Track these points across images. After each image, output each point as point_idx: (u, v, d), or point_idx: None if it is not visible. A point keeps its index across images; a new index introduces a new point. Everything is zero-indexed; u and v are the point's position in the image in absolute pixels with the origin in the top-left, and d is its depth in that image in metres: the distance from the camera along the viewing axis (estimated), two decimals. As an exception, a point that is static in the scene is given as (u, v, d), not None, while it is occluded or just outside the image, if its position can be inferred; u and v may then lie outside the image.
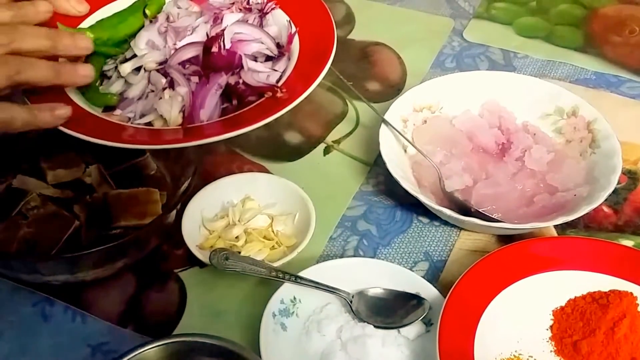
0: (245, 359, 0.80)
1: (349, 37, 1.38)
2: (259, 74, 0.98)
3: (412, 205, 1.07)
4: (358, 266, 0.97)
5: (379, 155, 1.05)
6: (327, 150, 1.18)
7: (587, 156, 1.08)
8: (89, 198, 0.98)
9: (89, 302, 0.96)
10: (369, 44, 1.37)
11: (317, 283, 0.93)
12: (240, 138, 1.14)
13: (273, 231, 1.01)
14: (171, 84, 0.96)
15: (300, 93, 0.93)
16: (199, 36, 0.99)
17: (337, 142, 1.19)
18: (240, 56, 0.98)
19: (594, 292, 0.92)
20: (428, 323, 0.91)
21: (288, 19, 1.06)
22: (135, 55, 1.00)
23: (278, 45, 1.03)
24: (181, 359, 0.81)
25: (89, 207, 0.97)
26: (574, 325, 0.90)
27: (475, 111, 1.15)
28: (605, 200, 0.99)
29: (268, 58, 1.02)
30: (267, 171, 1.13)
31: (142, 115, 0.96)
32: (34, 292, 0.96)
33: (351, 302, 0.92)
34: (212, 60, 0.96)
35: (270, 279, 0.93)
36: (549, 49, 1.37)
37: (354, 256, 1.02)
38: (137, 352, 0.79)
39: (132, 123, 0.96)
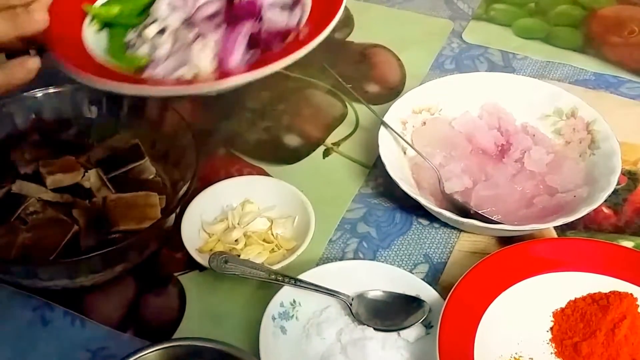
0: (245, 363, 0.80)
1: (348, 39, 1.38)
2: (279, 20, 0.98)
3: (411, 208, 1.06)
4: (358, 269, 0.97)
5: (379, 158, 1.05)
6: (326, 153, 1.17)
7: (586, 157, 1.07)
8: (88, 203, 0.99)
9: (88, 307, 0.96)
10: (367, 46, 1.37)
11: (316, 286, 0.92)
12: (240, 141, 1.16)
13: (272, 234, 1.01)
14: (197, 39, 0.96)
15: (320, 31, 0.93)
16: None
17: (337, 144, 1.19)
18: (260, 5, 0.97)
19: (594, 293, 0.92)
20: (428, 325, 0.91)
21: None
22: (156, 20, 0.99)
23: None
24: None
25: (88, 212, 0.97)
26: (574, 326, 0.90)
27: (475, 113, 1.15)
28: (605, 201, 0.99)
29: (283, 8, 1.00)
30: (266, 174, 1.13)
31: (174, 72, 0.94)
32: (34, 297, 0.96)
33: (351, 304, 0.92)
34: (234, 11, 0.97)
35: (270, 282, 0.93)
36: (548, 50, 1.37)
37: (354, 259, 1.02)
38: (136, 357, 0.79)
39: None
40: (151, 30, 0.97)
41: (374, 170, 1.14)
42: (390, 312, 0.92)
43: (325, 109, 1.24)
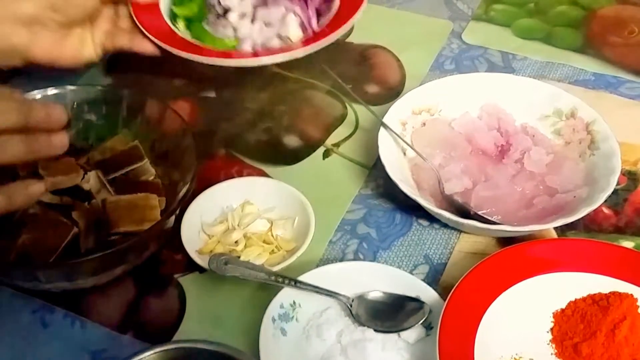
0: (245, 364, 0.80)
1: (348, 40, 1.38)
2: None
3: (411, 208, 1.06)
4: (358, 270, 0.96)
5: (379, 159, 1.05)
6: (326, 154, 1.17)
7: (586, 157, 1.07)
8: (87, 204, 0.98)
9: (88, 309, 0.96)
10: (367, 47, 1.37)
11: (316, 287, 0.92)
12: (240, 142, 1.16)
13: (272, 235, 1.01)
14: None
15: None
16: None
17: (337, 145, 1.19)
18: None
19: (594, 294, 0.92)
20: (428, 327, 0.91)
21: None
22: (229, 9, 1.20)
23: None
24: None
25: (88, 214, 0.97)
26: (574, 327, 0.90)
27: (474, 113, 1.15)
28: (605, 201, 0.99)
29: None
30: (266, 175, 1.13)
31: (263, 44, 1.18)
32: (33, 299, 0.96)
33: (351, 306, 0.92)
34: None
35: (269, 284, 0.93)
36: (548, 50, 1.36)
37: (354, 260, 1.02)
38: (135, 359, 0.79)
39: None
40: (233, 17, 1.17)
41: (374, 171, 1.14)
42: (391, 314, 0.92)
43: (326, 109, 1.24)
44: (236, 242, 1.00)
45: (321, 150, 1.18)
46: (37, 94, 1.05)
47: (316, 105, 1.22)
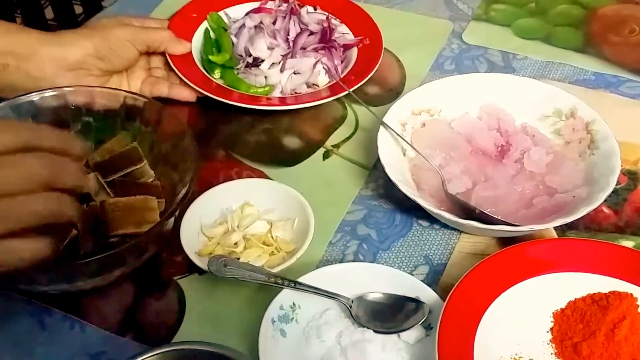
0: (244, 366, 0.80)
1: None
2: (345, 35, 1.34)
3: (411, 209, 1.06)
4: (358, 271, 0.96)
5: (379, 159, 1.04)
6: (326, 155, 1.17)
7: (586, 157, 1.07)
8: (86, 206, 0.98)
9: (87, 311, 0.96)
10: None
11: (316, 288, 0.92)
12: (239, 143, 1.15)
13: (272, 237, 1.01)
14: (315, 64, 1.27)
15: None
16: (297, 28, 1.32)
17: (337, 146, 1.19)
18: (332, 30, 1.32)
19: (594, 293, 0.92)
20: (428, 327, 0.91)
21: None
22: (257, 59, 1.27)
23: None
24: (179, 367, 0.82)
25: (87, 216, 0.96)
26: (574, 327, 0.90)
27: (474, 114, 1.15)
28: (605, 201, 0.99)
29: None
30: (266, 177, 1.13)
31: (292, 91, 1.25)
32: (32, 301, 0.96)
33: (351, 307, 0.92)
34: (329, 42, 1.30)
35: (269, 285, 0.93)
36: (548, 50, 1.36)
37: (354, 261, 1.02)
38: (135, 361, 0.79)
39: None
40: (265, 66, 1.26)
41: (374, 171, 1.14)
42: (390, 314, 0.92)
43: (325, 110, 1.24)
44: (235, 243, 0.99)
45: (321, 151, 1.18)
46: (34, 96, 1.04)
47: (316, 106, 1.22)
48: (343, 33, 1.34)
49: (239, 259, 0.97)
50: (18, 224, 0.73)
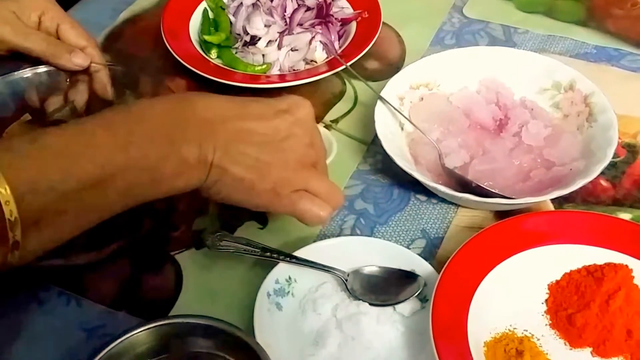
0: (238, 338, 0.80)
1: (348, 16, 1.38)
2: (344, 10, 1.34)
3: (409, 184, 1.06)
4: (353, 245, 0.97)
5: (377, 134, 1.04)
6: (325, 130, 1.17)
7: (584, 130, 1.07)
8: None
9: (84, 286, 0.97)
10: (368, 23, 1.36)
11: (312, 262, 0.93)
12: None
13: None
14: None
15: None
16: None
17: (335, 121, 1.19)
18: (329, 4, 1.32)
19: (589, 265, 0.92)
20: (423, 300, 0.91)
21: None
22: (255, 37, 1.27)
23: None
24: (175, 340, 0.82)
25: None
26: (569, 298, 0.90)
27: (473, 88, 1.15)
28: (604, 174, 0.99)
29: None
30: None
31: (290, 68, 1.26)
32: (29, 276, 0.96)
33: (346, 280, 0.92)
34: (326, 16, 1.30)
35: (265, 259, 0.93)
36: (550, 23, 1.36)
37: (351, 235, 1.02)
38: (129, 335, 0.80)
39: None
40: (262, 44, 1.26)
41: (372, 146, 1.14)
42: (386, 287, 0.92)
43: (324, 86, 1.24)
44: None
45: (320, 126, 1.17)
46: (28, 72, 1.05)
47: (315, 82, 1.21)
48: (342, 7, 1.33)
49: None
50: None
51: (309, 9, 1.31)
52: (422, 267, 0.93)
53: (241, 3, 1.31)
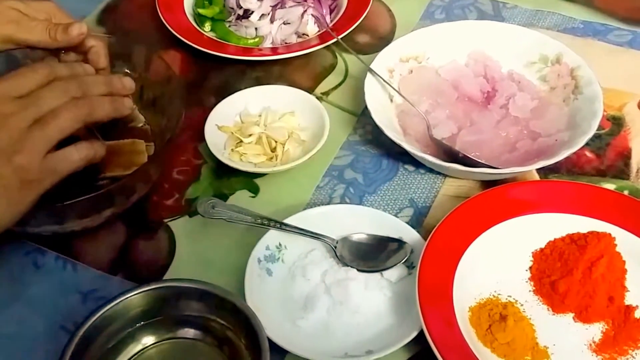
0: (229, 302, 0.82)
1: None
2: None
3: (398, 154, 1.08)
4: (343, 212, 0.99)
5: (367, 106, 1.06)
6: (316, 102, 1.19)
7: (570, 102, 1.08)
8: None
9: (79, 252, 0.98)
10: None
11: (302, 229, 0.94)
12: (230, 92, 1.16)
13: (281, 149, 1.07)
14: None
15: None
16: None
17: (326, 93, 1.20)
18: None
19: (573, 233, 0.94)
20: (410, 266, 0.93)
21: None
22: (247, 11, 1.28)
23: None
24: (169, 303, 0.84)
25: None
26: (552, 265, 0.91)
27: (462, 61, 1.16)
28: (588, 145, 1.01)
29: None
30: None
31: (283, 41, 1.29)
32: (26, 242, 0.99)
33: (335, 247, 0.94)
34: None
35: (256, 226, 0.95)
36: (538, -2, 1.37)
37: (340, 204, 1.04)
38: (124, 297, 0.82)
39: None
40: (255, 17, 1.28)
41: (362, 118, 1.15)
42: (373, 254, 0.94)
43: (316, 59, 1.26)
44: (250, 134, 1.06)
45: (311, 98, 1.18)
46: (17, 53, 1.04)
47: (306, 55, 1.23)
48: None
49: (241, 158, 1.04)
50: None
51: None
52: (410, 235, 0.95)
53: None
